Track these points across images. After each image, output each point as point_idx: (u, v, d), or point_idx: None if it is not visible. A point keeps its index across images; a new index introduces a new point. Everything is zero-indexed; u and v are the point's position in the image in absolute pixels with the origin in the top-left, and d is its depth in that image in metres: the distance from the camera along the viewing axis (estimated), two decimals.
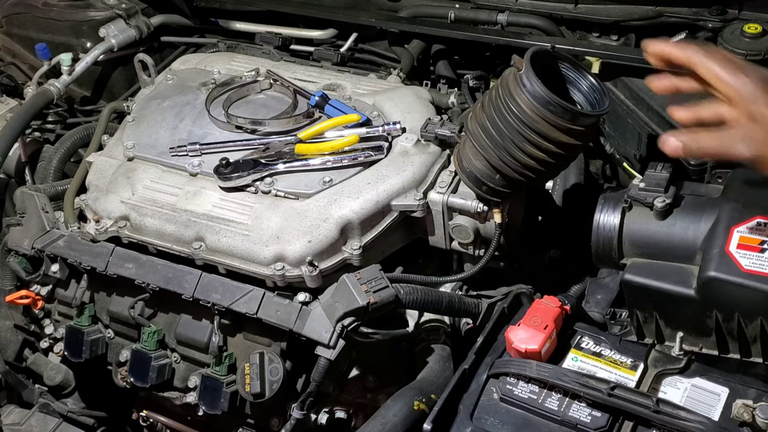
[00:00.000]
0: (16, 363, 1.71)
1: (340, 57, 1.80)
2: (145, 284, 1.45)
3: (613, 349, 1.18)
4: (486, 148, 1.27)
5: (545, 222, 1.55)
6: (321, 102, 1.57)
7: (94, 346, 1.55)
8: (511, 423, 1.09)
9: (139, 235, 1.49)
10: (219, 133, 1.58)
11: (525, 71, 1.21)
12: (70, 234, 1.54)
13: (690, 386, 1.13)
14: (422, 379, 1.37)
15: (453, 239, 1.46)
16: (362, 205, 1.41)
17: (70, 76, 1.88)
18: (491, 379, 1.14)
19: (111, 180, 1.56)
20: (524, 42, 1.64)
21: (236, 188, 1.47)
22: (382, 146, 1.48)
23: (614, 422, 1.06)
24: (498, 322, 1.25)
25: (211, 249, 1.43)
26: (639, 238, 1.22)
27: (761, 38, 1.48)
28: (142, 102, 1.71)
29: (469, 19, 1.81)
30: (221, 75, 1.74)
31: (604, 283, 1.37)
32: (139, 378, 1.49)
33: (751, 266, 1.09)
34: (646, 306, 1.21)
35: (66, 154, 1.79)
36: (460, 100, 1.63)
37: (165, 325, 1.50)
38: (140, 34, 1.97)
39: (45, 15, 2.04)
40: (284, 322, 1.35)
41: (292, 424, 1.36)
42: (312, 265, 1.38)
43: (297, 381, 1.43)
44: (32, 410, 1.71)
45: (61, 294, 1.60)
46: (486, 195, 1.34)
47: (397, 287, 1.31)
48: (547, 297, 1.20)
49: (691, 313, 1.16)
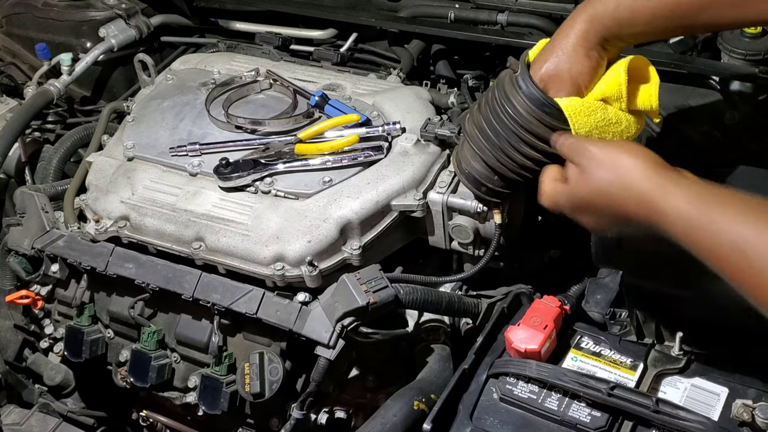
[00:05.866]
0: (16, 363, 1.71)
1: (340, 57, 1.80)
2: (145, 284, 1.45)
3: (613, 349, 1.18)
4: (483, 149, 1.27)
5: (545, 222, 1.55)
6: (321, 102, 1.57)
7: (94, 346, 1.55)
8: (510, 423, 1.10)
9: (139, 235, 1.49)
10: (219, 133, 1.58)
11: (520, 73, 1.21)
12: (70, 234, 1.54)
13: (690, 386, 1.13)
14: (422, 379, 1.37)
15: (453, 239, 1.46)
16: (362, 205, 1.41)
17: (70, 76, 1.88)
18: (491, 379, 1.14)
19: (111, 180, 1.56)
20: (524, 42, 1.64)
21: (236, 188, 1.47)
22: (381, 146, 1.48)
23: (614, 422, 1.06)
24: (498, 322, 1.25)
25: (211, 249, 1.43)
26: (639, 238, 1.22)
27: (761, 38, 1.48)
28: (142, 102, 1.71)
29: (469, 19, 1.81)
30: (221, 75, 1.74)
31: (604, 283, 1.37)
32: (139, 378, 1.49)
33: None
34: (646, 306, 1.21)
35: (66, 154, 1.79)
36: (460, 100, 1.63)
37: (165, 325, 1.50)
38: (140, 34, 1.97)
39: (45, 15, 2.03)
40: (284, 322, 1.35)
41: (292, 424, 1.36)
42: (312, 265, 1.38)
43: (297, 381, 1.43)
44: (32, 410, 1.71)
45: (61, 294, 1.60)
46: (485, 196, 1.34)
47: (396, 287, 1.31)
48: (547, 297, 1.20)
49: (691, 313, 1.17)
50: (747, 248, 0.88)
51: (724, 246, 0.90)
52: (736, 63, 1.49)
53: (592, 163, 1.04)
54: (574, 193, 1.07)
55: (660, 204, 0.95)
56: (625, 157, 1.00)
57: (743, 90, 1.50)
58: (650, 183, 0.97)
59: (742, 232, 0.89)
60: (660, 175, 0.97)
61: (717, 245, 0.91)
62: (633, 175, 0.98)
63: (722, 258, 0.91)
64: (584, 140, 1.10)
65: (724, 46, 1.50)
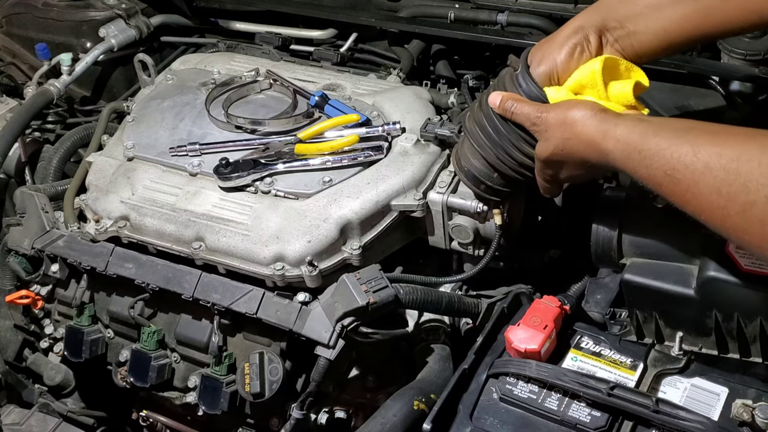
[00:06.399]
0: (16, 363, 1.71)
1: (340, 57, 1.80)
2: (144, 284, 1.45)
3: (613, 349, 1.17)
4: (483, 146, 1.27)
5: (545, 222, 1.55)
6: (321, 102, 1.57)
7: (94, 346, 1.55)
8: (510, 423, 1.09)
9: (139, 235, 1.49)
10: (219, 133, 1.58)
11: (521, 71, 1.22)
12: (70, 234, 1.54)
13: (689, 386, 1.13)
14: (422, 379, 1.37)
15: (453, 239, 1.46)
16: (362, 205, 1.41)
17: (70, 76, 1.88)
18: (491, 379, 1.14)
19: (111, 180, 1.56)
20: (524, 42, 1.64)
21: (236, 188, 1.47)
22: (381, 146, 1.48)
23: (614, 422, 1.06)
24: (498, 322, 1.25)
25: (211, 249, 1.43)
26: (638, 238, 1.22)
27: (761, 38, 1.48)
28: (142, 102, 1.71)
29: (468, 19, 1.81)
30: (221, 75, 1.74)
31: (604, 283, 1.37)
32: (138, 378, 1.49)
33: (751, 266, 1.09)
34: (646, 306, 1.21)
35: (66, 154, 1.79)
36: (460, 100, 1.63)
37: (165, 325, 1.50)
38: (140, 34, 1.97)
39: (45, 15, 2.03)
40: (284, 322, 1.35)
41: (292, 424, 1.36)
42: (312, 265, 1.38)
43: (297, 381, 1.43)
44: (32, 410, 1.71)
45: (61, 294, 1.60)
46: (485, 194, 1.34)
47: (396, 287, 1.31)
48: (547, 297, 1.20)
49: (691, 313, 1.16)
50: (676, 172, 0.96)
51: (656, 169, 0.99)
52: (736, 63, 1.49)
53: (545, 126, 1.15)
54: (543, 156, 1.17)
55: (602, 143, 1.06)
56: (570, 113, 1.11)
57: (743, 90, 1.50)
58: (592, 128, 1.08)
59: (675, 153, 0.96)
60: (599, 119, 1.08)
61: (652, 169, 0.99)
62: (578, 127, 1.09)
63: (657, 181, 0.99)
64: (534, 107, 1.17)
65: (724, 46, 1.50)
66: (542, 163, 1.20)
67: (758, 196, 0.88)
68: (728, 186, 0.91)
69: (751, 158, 0.90)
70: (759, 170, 0.88)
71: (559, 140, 1.13)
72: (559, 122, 1.13)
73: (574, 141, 1.11)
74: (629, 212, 1.23)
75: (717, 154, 0.92)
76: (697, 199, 0.95)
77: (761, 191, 0.88)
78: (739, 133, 0.95)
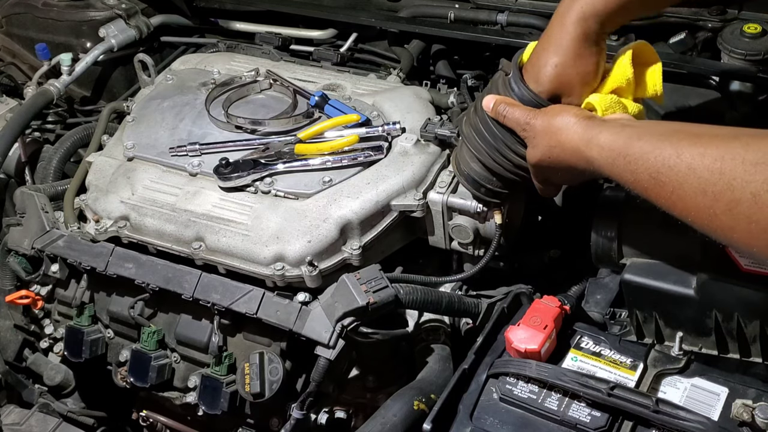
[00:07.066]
0: (16, 363, 1.71)
1: (340, 57, 1.80)
2: (144, 284, 1.45)
3: (613, 349, 1.17)
4: (480, 150, 1.28)
5: (545, 222, 1.55)
6: (321, 102, 1.57)
7: (94, 346, 1.55)
8: (510, 423, 1.09)
9: (139, 235, 1.49)
10: (219, 133, 1.58)
11: (512, 75, 1.22)
12: (70, 234, 1.54)
13: (689, 386, 1.13)
14: (422, 379, 1.37)
15: (453, 239, 1.46)
16: (362, 205, 1.41)
17: (70, 76, 1.88)
18: (491, 379, 1.14)
19: (111, 180, 1.56)
20: (524, 42, 1.64)
21: (236, 188, 1.47)
22: (381, 146, 1.48)
23: (614, 422, 1.06)
24: (498, 322, 1.25)
25: (211, 249, 1.43)
26: (638, 238, 1.22)
27: (761, 38, 1.48)
28: (142, 102, 1.71)
29: (468, 19, 1.81)
30: (221, 75, 1.74)
31: (604, 283, 1.37)
32: (139, 378, 1.49)
33: (751, 266, 1.09)
34: (646, 306, 1.21)
35: (66, 154, 1.79)
36: (460, 100, 1.63)
37: (165, 325, 1.50)
38: (140, 34, 1.97)
39: (45, 15, 2.03)
40: (284, 322, 1.35)
41: (292, 424, 1.36)
42: (312, 265, 1.38)
43: (297, 381, 1.43)
44: (32, 410, 1.71)
45: (61, 294, 1.60)
46: (484, 196, 1.34)
47: (396, 287, 1.31)
48: (547, 297, 1.20)
49: (691, 313, 1.17)
50: (661, 175, 0.96)
51: (641, 173, 0.99)
52: (736, 63, 1.49)
53: (533, 133, 1.17)
54: (532, 162, 1.20)
55: (586, 151, 1.07)
56: (554, 121, 1.13)
57: (743, 90, 1.50)
58: (576, 136, 1.09)
59: (659, 156, 0.96)
60: (583, 126, 1.09)
61: (637, 173, 1.00)
62: (563, 135, 1.11)
63: (643, 185, 1.00)
64: (524, 112, 1.18)
65: (724, 46, 1.50)
66: (533, 168, 1.21)
67: (743, 194, 0.87)
68: (713, 186, 0.90)
69: (735, 157, 0.89)
70: (743, 168, 0.88)
71: (545, 147, 1.15)
72: (545, 130, 1.14)
73: (559, 149, 1.12)
74: (629, 212, 1.23)
75: (700, 155, 0.92)
76: (683, 200, 0.95)
77: (746, 188, 0.87)
78: (722, 134, 0.95)
